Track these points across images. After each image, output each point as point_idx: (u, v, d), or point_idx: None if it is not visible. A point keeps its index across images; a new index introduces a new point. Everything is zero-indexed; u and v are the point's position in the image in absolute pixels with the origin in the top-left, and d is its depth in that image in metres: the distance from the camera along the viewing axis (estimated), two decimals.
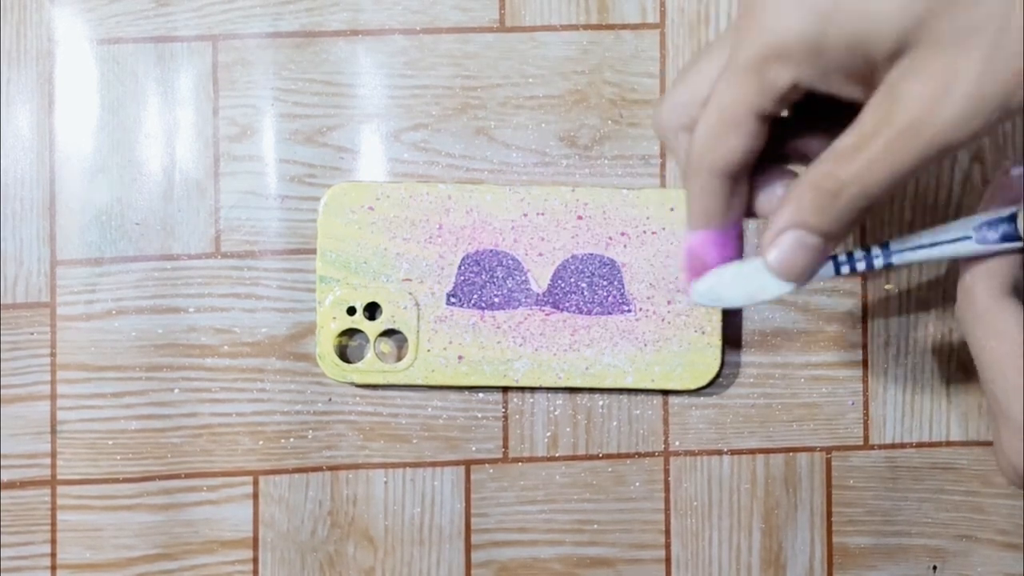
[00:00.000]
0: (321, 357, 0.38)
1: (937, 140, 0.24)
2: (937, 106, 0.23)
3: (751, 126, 0.26)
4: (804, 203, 0.26)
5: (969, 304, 0.28)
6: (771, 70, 0.25)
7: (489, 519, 0.39)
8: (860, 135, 0.25)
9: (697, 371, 0.38)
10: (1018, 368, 0.27)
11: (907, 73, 0.24)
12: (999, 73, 0.23)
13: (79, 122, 0.39)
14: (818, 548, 0.40)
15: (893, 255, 0.29)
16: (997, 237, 0.28)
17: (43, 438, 0.39)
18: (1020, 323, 0.27)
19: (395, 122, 0.39)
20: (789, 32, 0.24)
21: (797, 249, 0.26)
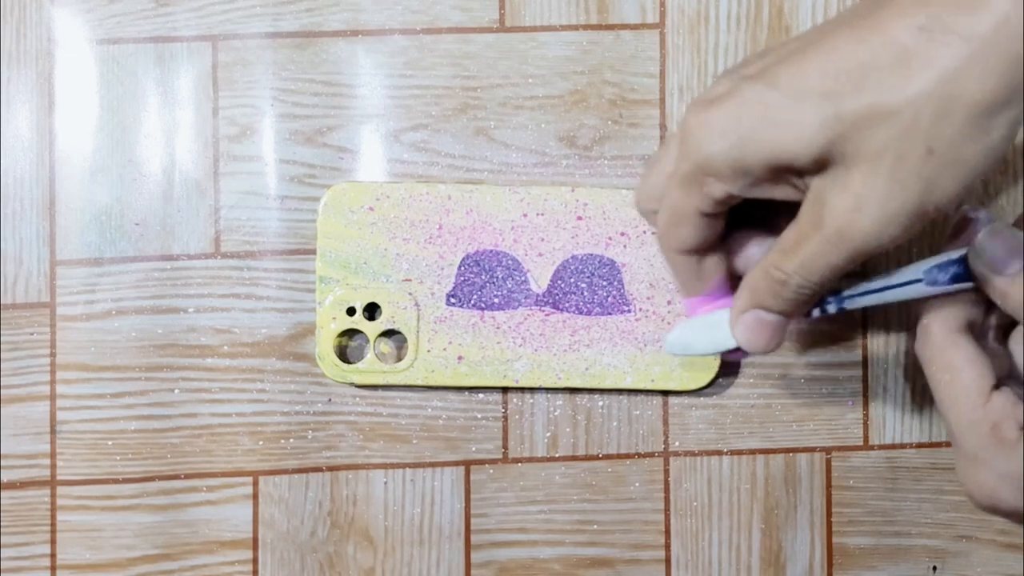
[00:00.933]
0: (321, 357, 0.38)
1: (860, 246, 0.26)
2: (856, 218, 0.26)
3: (696, 221, 0.29)
4: (760, 288, 0.29)
5: (925, 342, 0.30)
6: (706, 184, 0.28)
7: (489, 519, 0.39)
8: (798, 233, 0.28)
9: (697, 371, 0.38)
10: (969, 403, 0.28)
11: (830, 186, 0.26)
12: (902, 191, 0.25)
13: (79, 122, 0.39)
14: (818, 548, 0.40)
15: (845, 301, 0.31)
16: (947, 279, 0.29)
17: (43, 438, 0.39)
18: (971, 361, 0.29)
19: (395, 122, 0.39)
20: (714, 156, 0.27)
21: (758, 327, 0.30)
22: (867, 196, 0.26)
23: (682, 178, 0.28)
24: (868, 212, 0.26)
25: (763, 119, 0.26)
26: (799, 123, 0.26)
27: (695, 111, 0.28)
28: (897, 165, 0.25)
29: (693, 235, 0.30)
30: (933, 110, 0.24)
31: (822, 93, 0.25)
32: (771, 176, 0.27)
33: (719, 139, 0.27)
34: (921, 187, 0.25)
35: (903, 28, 0.24)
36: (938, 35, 0.24)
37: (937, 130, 0.24)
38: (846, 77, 0.25)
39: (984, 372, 0.29)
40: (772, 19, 0.39)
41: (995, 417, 0.28)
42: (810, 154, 0.26)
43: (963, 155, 0.25)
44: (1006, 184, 0.39)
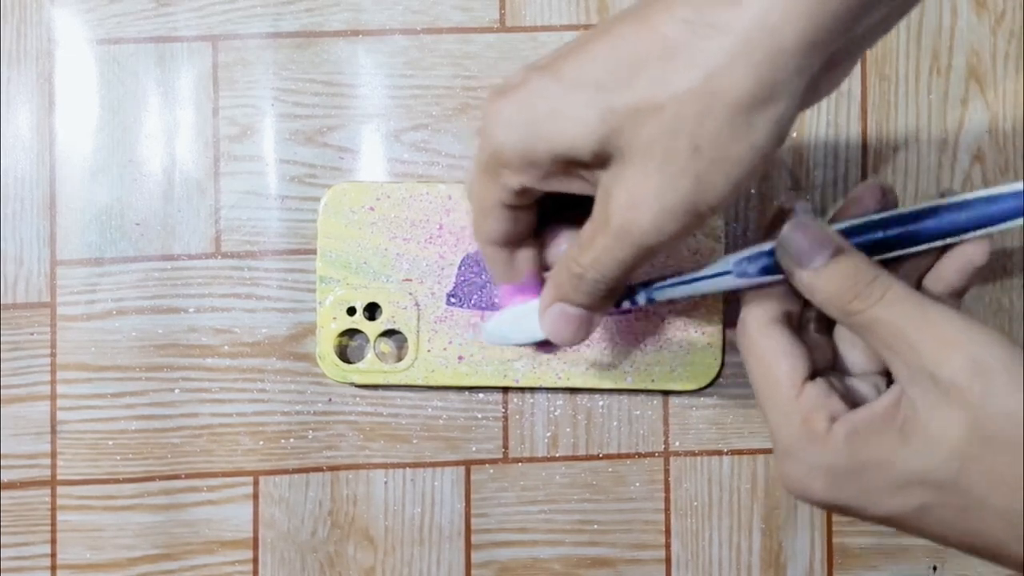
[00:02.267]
0: (321, 357, 0.38)
1: (641, 242, 0.26)
2: (633, 215, 0.26)
3: (500, 213, 0.29)
4: (562, 282, 0.29)
5: (741, 333, 0.30)
6: (501, 175, 0.28)
7: (489, 519, 0.39)
8: (591, 229, 0.27)
9: (697, 371, 0.38)
10: (781, 395, 0.28)
11: (613, 181, 0.26)
12: (673, 186, 0.25)
13: (79, 122, 0.39)
14: (818, 548, 0.40)
15: (654, 291, 0.31)
16: (756, 271, 0.29)
17: (43, 438, 0.39)
18: (783, 352, 0.29)
19: (395, 122, 0.39)
20: (504, 146, 0.27)
21: (563, 320, 0.30)
22: (641, 192, 0.25)
23: (481, 168, 0.28)
24: (643, 209, 0.25)
25: (546, 111, 0.26)
26: (577, 116, 0.25)
27: (491, 100, 0.27)
28: (666, 162, 0.25)
29: (499, 227, 0.30)
30: (696, 107, 0.24)
31: (597, 85, 0.25)
32: (560, 169, 0.27)
33: (508, 130, 0.26)
34: (690, 184, 0.25)
35: (669, 21, 0.24)
36: (699, 29, 0.24)
37: (701, 127, 0.24)
38: (620, 70, 0.25)
39: (796, 364, 0.28)
40: None
41: (807, 409, 0.28)
42: (589, 148, 0.25)
43: (729, 153, 0.24)
44: None
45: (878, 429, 0.27)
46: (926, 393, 0.26)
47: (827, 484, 0.27)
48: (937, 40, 0.39)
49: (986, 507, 0.25)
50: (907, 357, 0.26)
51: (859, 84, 0.39)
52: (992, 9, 0.39)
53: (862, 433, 0.27)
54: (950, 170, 0.39)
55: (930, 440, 0.26)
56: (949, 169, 0.39)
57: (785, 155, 0.39)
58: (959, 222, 0.28)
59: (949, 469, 0.26)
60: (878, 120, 0.39)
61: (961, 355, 0.25)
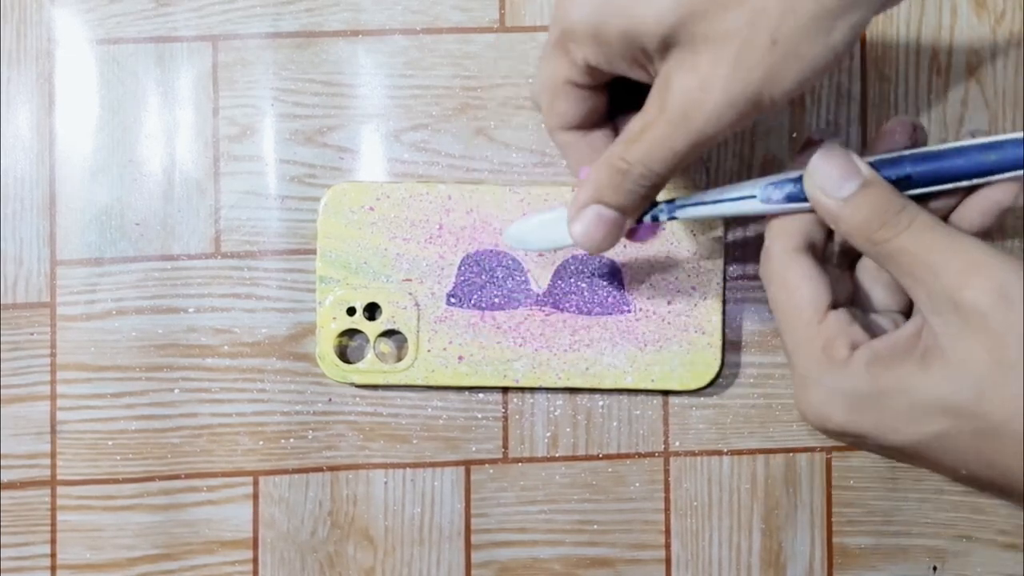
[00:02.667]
0: (321, 357, 0.38)
1: (703, 128, 0.27)
2: (699, 98, 0.26)
3: (570, 92, 0.30)
4: (601, 182, 0.29)
5: (765, 260, 0.30)
6: (569, 50, 0.29)
7: (489, 519, 0.39)
8: (643, 121, 0.28)
9: (697, 371, 0.38)
10: (803, 321, 0.29)
11: (676, 68, 0.27)
12: (745, 74, 0.26)
13: (79, 122, 0.39)
14: (818, 548, 0.40)
15: (677, 210, 0.31)
16: (781, 197, 0.29)
17: (43, 438, 0.39)
18: (807, 278, 0.29)
19: (395, 122, 0.39)
20: (576, 21, 0.28)
21: (596, 222, 0.30)
22: (712, 78, 0.26)
23: (552, 45, 0.29)
24: (711, 93, 0.26)
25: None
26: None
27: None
28: (743, 50, 0.26)
29: (569, 108, 0.30)
30: (781, 3, 0.25)
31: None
32: (626, 50, 0.27)
33: (581, 6, 0.27)
34: (762, 75, 0.26)
35: None
36: None
37: (783, 23, 0.25)
38: None
39: (820, 291, 0.29)
40: None
41: (828, 335, 0.28)
42: (660, 30, 0.26)
43: (804, 51, 0.25)
44: None
45: (899, 356, 0.27)
46: (948, 321, 0.26)
47: (846, 410, 0.28)
48: (937, 40, 0.39)
49: (1004, 434, 0.25)
50: (930, 285, 0.26)
51: (859, 84, 0.39)
52: (992, 9, 0.39)
53: (883, 360, 0.27)
54: None
55: (951, 367, 0.26)
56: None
57: (785, 155, 0.39)
58: (988, 163, 0.28)
59: (969, 395, 0.26)
60: (878, 120, 0.39)
61: (985, 281, 0.26)
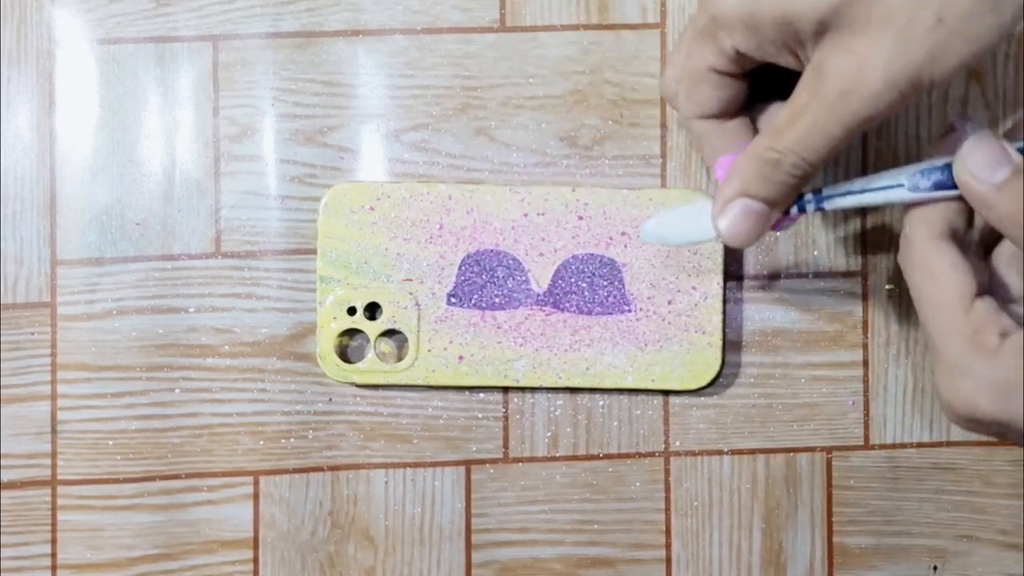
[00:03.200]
0: (321, 357, 0.38)
1: (860, 111, 0.27)
2: (858, 80, 0.26)
3: (713, 79, 0.30)
4: (749, 174, 0.29)
5: (907, 248, 0.30)
6: (717, 37, 0.29)
7: (489, 519, 0.39)
8: (793, 109, 0.28)
9: (697, 371, 0.38)
10: (950, 309, 0.28)
11: (831, 51, 0.27)
12: (906, 56, 0.26)
13: (79, 122, 0.39)
14: (818, 548, 0.40)
15: (824, 200, 0.31)
16: (929, 185, 0.29)
17: (43, 438, 0.39)
18: (953, 266, 0.29)
19: (395, 122, 0.39)
20: (728, 7, 0.28)
21: (744, 216, 0.30)
22: (871, 57, 0.26)
23: (697, 31, 0.29)
24: (871, 73, 0.26)
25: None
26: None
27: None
28: (906, 29, 0.25)
29: (710, 96, 0.30)
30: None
31: None
32: (777, 36, 0.27)
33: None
34: (925, 55, 0.25)
35: None
36: None
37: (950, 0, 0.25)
38: None
39: (967, 279, 0.28)
40: None
41: (976, 323, 0.28)
42: (816, 14, 0.26)
43: (971, 28, 0.25)
44: None
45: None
46: None
47: (995, 398, 0.27)
48: None
49: None
50: None
51: None
52: None
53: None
54: None
55: None
56: None
57: None
58: None
59: None
60: None
61: None
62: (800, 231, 0.39)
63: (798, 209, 0.31)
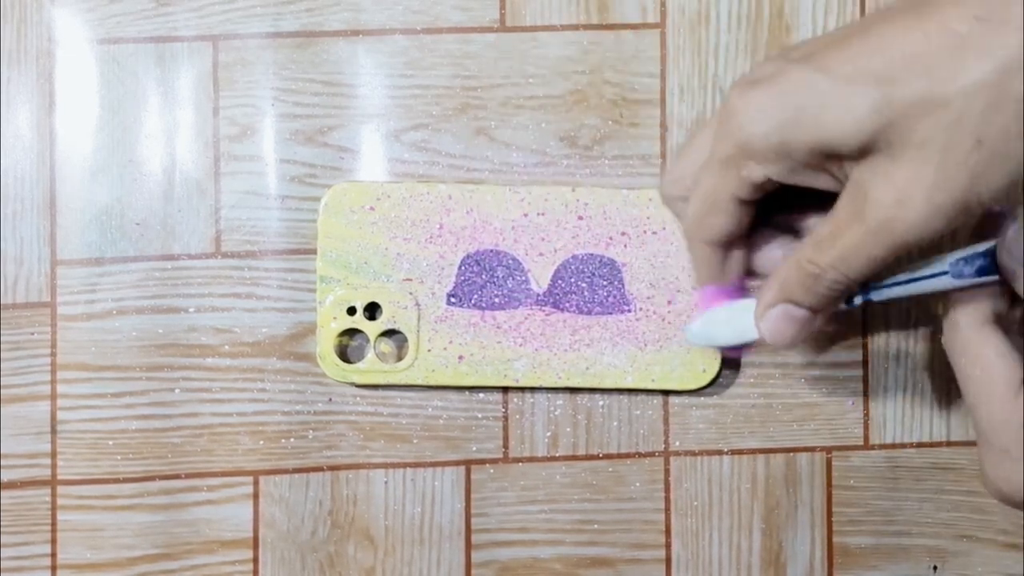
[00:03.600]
0: (321, 357, 0.38)
1: (904, 239, 0.26)
2: (901, 209, 0.25)
3: (731, 208, 0.29)
4: (791, 282, 0.29)
5: (954, 335, 0.30)
6: (744, 167, 0.28)
7: (489, 519, 0.39)
8: (836, 226, 0.27)
9: (697, 371, 0.38)
10: (1000, 397, 0.28)
11: (872, 175, 0.26)
12: (949, 181, 0.25)
13: (79, 122, 0.39)
14: (818, 548, 0.40)
15: (872, 293, 0.30)
16: (972, 271, 0.29)
17: (43, 438, 0.39)
18: (1001, 355, 0.29)
19: (395, 122, 0.39)
20: (757, 136, 0.27)
21: (786, 321, 0.29)
22: (913, 187, 0.25)
23: (721, 160, 0.28)
24: (913, 204, 0.25)
25: (811, 101, 0.26)
26: (848, 107, 0.25)
27: (739, 91, 0.27)
28: (945, 156, 0.25)
29: (725, 223, 0.29)
30: (985, 101, 0.24)
31: (875, 79, 0.25)
32: (813, 162, 0.27)
33: (763, 120, 0.27)
34: (967, 179, 0.25)
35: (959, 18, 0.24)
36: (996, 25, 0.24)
37: (988, 121, 0.24)
38: (899, 64, 0.25)
39: (1015, 367, 0.28)
40: (772, 19, 0.39)
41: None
42: (857, 141, 0.25)
43: (1012, 149, 0.24)
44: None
45: None
46: None
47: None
48: None
49: None
50: None
51: None
52: None
53: None
54: None
55: None
56: None
57: None
58: None
59: None
60: None
61: None
62: None
63: (845, 303, 0.30)
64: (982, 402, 0.29)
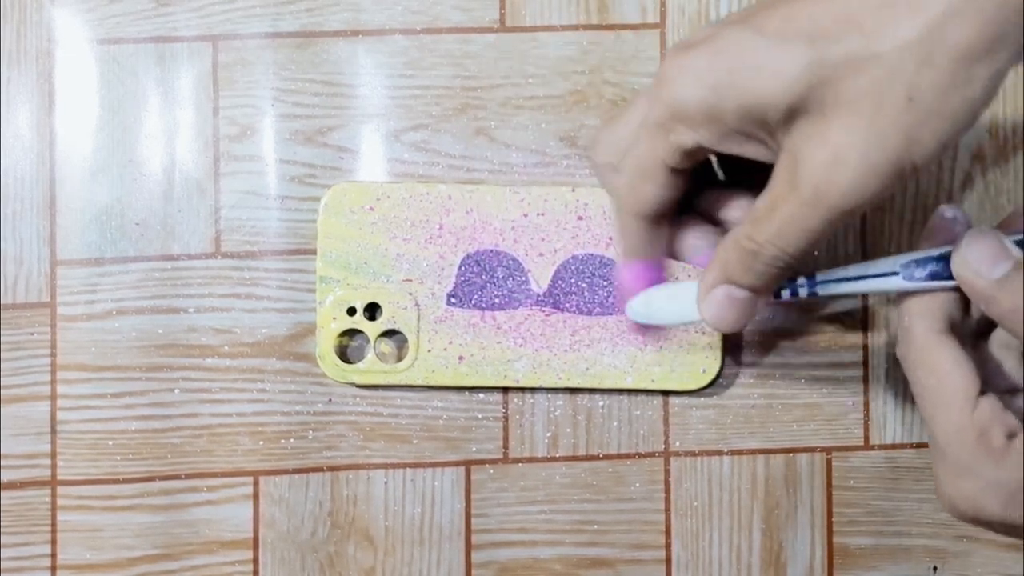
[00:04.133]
0: (321, 357, 0.38)
1: (839, 205, 0.25)
2: (834, 173, 0.25)
3: (663, 177, 0.28)
4: (731, 261, 0.28)
5: (908, 343, 0.29)
6: (675, 131, 0.27)
7: (489, 519, 0.39)
8: (772, 199, 0.26)
9: (697, 371, 0.38)
10: (955, 409, 0.28)
11: (804, 140, 0.25)
12: (882, 140, 0.24)
13: (79, 122, 0.39)
14: (818, 548, 0.40)
15: (818, 286, 0.30)
16: (924, 275, 0.29)
17: (43, 438, 0.39)
18: (957, 363, 0.28)
19: (395, 122, 0.39)
20: (689, 100, 0.26)
21: (728, 303, 0.29)
22: (846, 148, 0.24)
23: (652, 125, 0.27)
24: (847, 165, 0.25)
25: (742, 63, 0.25)
26: (779, 68, 0.25)
27: (673, 54, 0.27)
28: (877, 114, 0.24)
29: (656, 193, 0.28)
30: (916, 56, 0.23)
31: (807, 37, 0.24)
32: (744, 127, 0.26)
33: (694, 83, 0.26)
34: (900, 139, 0.24)
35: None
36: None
37: (919, 78, 0.24)
38: (832, 21, 0.24)
39: (970, 377, 0.28)
40: None
41: (983, 423, 0.27)
42: (785, 101, 0.25)
43: (944, 106, 0.24)
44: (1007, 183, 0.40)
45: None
46: None
47: (1004, 502, 0.27)
48: None
49: None
50: None
51: None
52: None
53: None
54: (950, 170, 0.39)
55: None
56: (949, 169, 0.39)
57: None
58: None
59: None
60: None
61: None
62: None
63: (790, 294, 0.30)
64: (938, 413, 0.28)
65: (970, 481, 0.27)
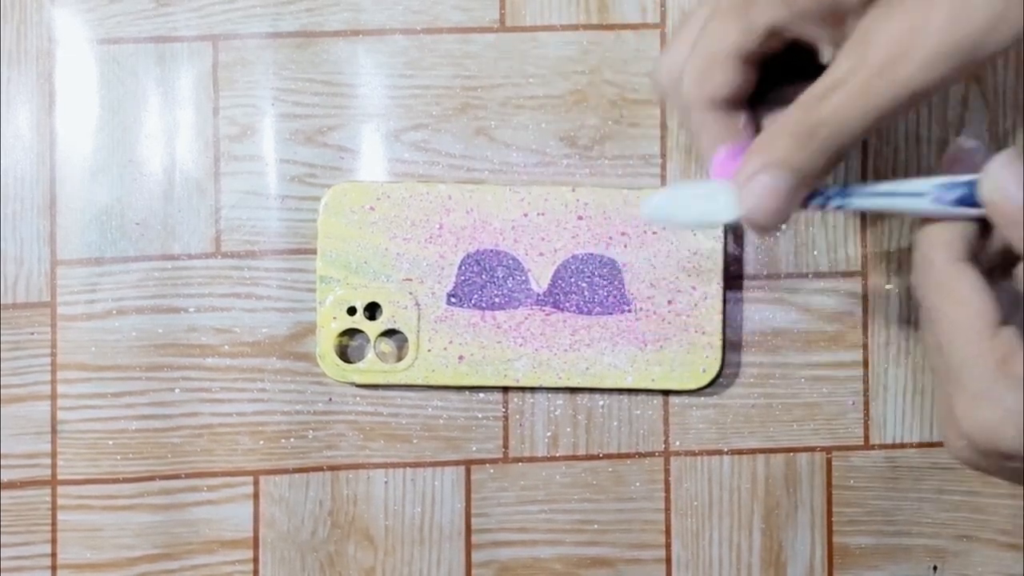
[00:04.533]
0: (321, 357, 0.38)
1: (909, 81, 0.25)
2: (909, 47, 0.24)
3: (731, 64, 0.27)
4: (777, 144, 0.27)
5: (927, 270, 0.28)
6: (751, 13, 0.26)
7: (489, 519, 0.39)
8: (835, 76, 0.26)
9: (697, 371, 0.38)
10: (975, 335, 0.27)
11: (880, 18, 0.25)
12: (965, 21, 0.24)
13: (79, 122, 0.39)
14: (818, 548, 0.40)
15: (848, 197, 0.29)
16: (953, 199, 0.28)
17: (43, 438, 0.39)
18: (978, 290, 0.27)
19: (395, 122, 0.39)
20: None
21: (771, 192, 0.27)
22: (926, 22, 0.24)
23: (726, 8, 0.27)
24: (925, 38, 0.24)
25: None
26: None
27: None
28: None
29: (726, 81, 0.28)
30: None
31: None
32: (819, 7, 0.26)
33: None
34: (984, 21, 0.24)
35: None
36: None
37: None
38: None
39: (991, 303, 0.27)
40: None
41: (1004, 350, 0.26)
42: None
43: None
44: None
45: None
46: None
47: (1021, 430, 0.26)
48: None
49: None
50: None
51: None
52: None
53: None
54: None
55: None
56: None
57: None
58: None
59: None
60: None
61: None
62: (800, 231, 0.39)
63: (822, 203, 0.29)
64: (957, 338, 0.27)
65: (988, 409, 0.26)
